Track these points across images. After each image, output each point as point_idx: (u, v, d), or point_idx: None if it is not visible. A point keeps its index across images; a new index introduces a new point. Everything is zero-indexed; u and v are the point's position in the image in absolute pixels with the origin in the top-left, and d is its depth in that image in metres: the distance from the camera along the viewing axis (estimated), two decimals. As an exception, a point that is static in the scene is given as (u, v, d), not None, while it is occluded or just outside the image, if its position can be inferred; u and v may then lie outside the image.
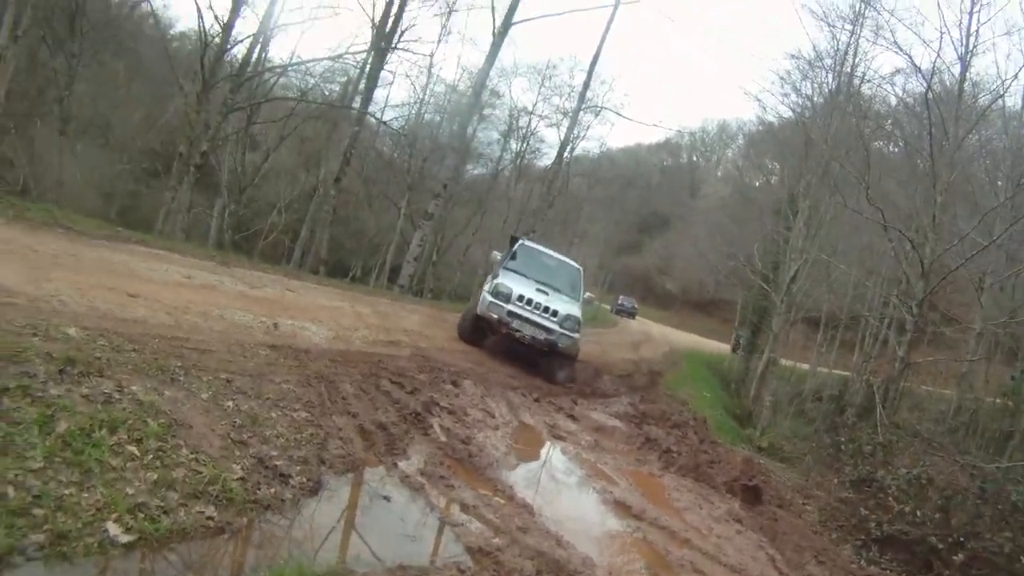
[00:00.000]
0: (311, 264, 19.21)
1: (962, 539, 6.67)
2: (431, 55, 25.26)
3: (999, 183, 14.18)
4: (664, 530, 5.44)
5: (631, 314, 45.78)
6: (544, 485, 5.80)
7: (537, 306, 10.54)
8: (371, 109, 20.66)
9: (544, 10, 46.39)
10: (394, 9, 18.66)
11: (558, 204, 30.16)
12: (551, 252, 13.23)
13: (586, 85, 23.14)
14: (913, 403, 13.23)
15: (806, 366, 20.38)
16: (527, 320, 10.44)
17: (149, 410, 3.66)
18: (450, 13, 23.93)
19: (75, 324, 4.56)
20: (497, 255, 12.73)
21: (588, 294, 12.95)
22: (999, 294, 14.03)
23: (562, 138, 26.58)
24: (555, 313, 10.59)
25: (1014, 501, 6.98)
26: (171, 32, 23.71)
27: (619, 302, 47.38)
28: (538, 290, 10.91)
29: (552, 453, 6.92)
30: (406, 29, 20.18)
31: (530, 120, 32.48)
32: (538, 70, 32.17)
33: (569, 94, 30.54)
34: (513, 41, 40.62)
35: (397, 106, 29.62)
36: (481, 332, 11.07)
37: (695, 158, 77.36)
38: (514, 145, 33.37)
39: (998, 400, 12.73)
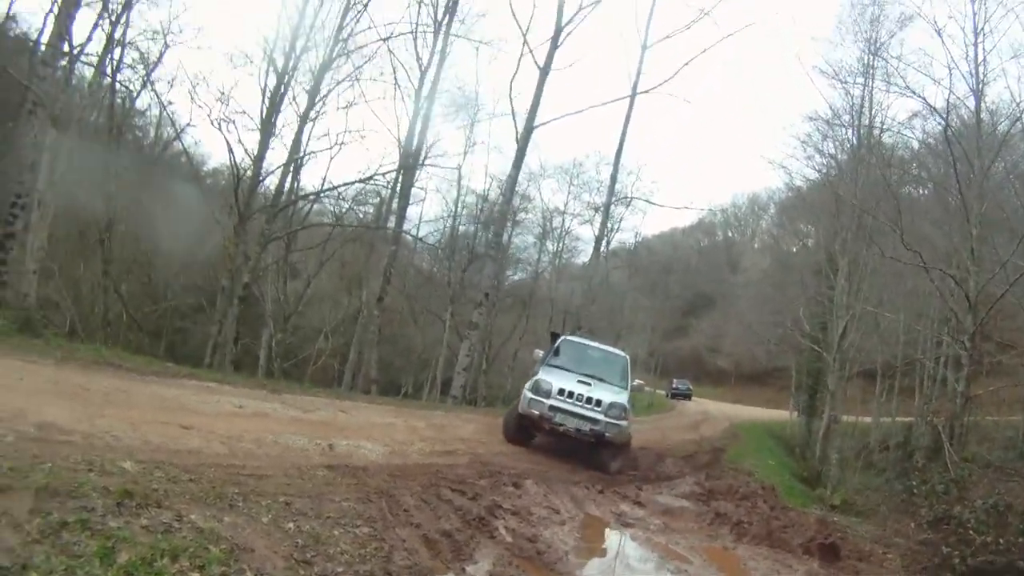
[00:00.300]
0: (362, 385, 19.32)
1: (1050, 558, 6.39)
2: (459, 167, 26.24)
3: (1031, 204, 13.95)
4: (742, 600, 5.21)
5: (686, 396, 45.21)
6: (618, 572, 5.61)
7: (579, 398, 10.24)
8: (406, 226, 21.33)
9: (563, 110, 47.47)
10: (418, 127, 19.45)
11: (600, 298, 30.14)
12: (595, 344, 13.05)
13: (613, 178, 23.33)
14: (981, 435, 12.82)
15: (868, 419, 19.80)
16: (570, 413, 10.14)
17: (210, 537, 3.62)
18: (472, 124, 24.89)
19: (130, 458, 4.59)
20: (539, 353, 12.57)
21: (638, 381, 12.72)
22: (1050, 313, 13.62)
23: (597, 233, 26.91)
24: (599, 403, 10.24)
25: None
26: (204, 169, 24.72)
27: (673, 385, 46.75)
28: (580, 382, 10.65)
29: (622, 540, 6.72)
30: (432, 144, 21.04)
31: (563, 219, 33.28)
32: (565, 169, 33.31)
33: (598, 189, 31.08)
34: (537, 145, 41.82)
35: (431, 221, 30.51)
36: (526, 431, 10.80)
37: (730, 234, 77.07)
38: (551, 246, 34.22)
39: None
